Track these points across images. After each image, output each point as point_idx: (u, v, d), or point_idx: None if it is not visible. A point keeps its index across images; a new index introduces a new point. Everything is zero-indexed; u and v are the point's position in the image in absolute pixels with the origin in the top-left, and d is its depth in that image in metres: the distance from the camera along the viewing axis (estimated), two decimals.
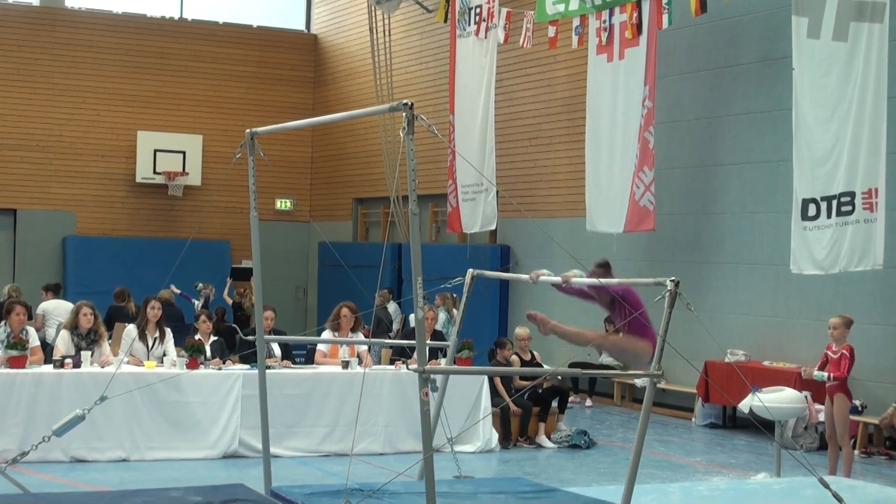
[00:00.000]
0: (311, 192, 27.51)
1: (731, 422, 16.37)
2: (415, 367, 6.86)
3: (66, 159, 25.13)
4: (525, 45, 18.91)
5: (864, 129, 13.50)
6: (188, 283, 20.71)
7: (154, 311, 13.02)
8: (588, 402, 18.23)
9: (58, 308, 16.82)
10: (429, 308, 15.27)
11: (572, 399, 18.09)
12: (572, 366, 16.26)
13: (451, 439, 9.85)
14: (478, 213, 19.90)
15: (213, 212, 25.38)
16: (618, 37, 16.96)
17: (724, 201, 17.03)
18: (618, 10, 16.92)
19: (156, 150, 25.29)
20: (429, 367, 6.93)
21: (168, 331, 13.21)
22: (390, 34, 22.64)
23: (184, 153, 25.41)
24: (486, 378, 13.59)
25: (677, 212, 17.54)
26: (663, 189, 16.98)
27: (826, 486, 7.94)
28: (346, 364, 13.24)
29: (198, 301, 20.30)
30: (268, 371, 10.50)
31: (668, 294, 7.70)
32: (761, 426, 11.12)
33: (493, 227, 20.19)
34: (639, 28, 16.56)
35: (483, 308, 19.94)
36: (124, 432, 12.06)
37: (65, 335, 12.55)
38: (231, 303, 20.84)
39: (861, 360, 14.16)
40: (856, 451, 14.16)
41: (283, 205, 26.83)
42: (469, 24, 19.94)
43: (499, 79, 19.89)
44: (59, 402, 11.50)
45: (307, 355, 14.75)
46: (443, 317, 17.77)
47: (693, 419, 16.61)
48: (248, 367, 12.78)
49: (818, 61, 14.04)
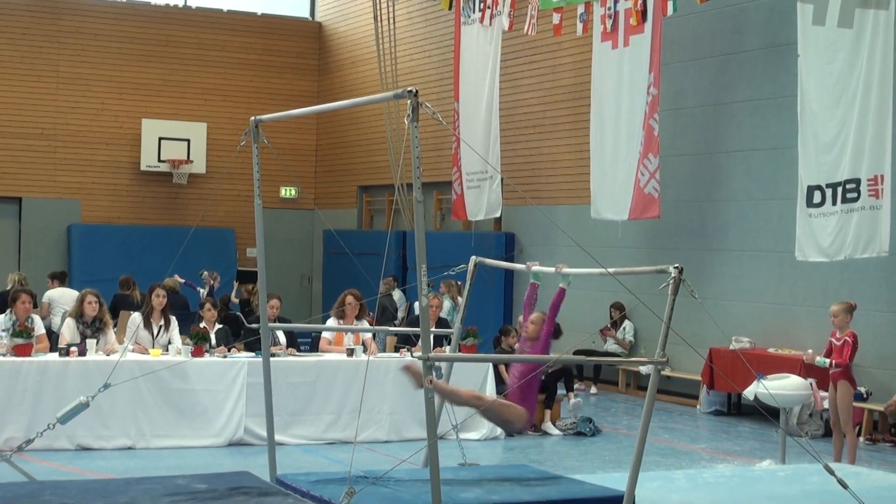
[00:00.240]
0: (316, 180, 27.51)
1: (736, 409, 16.38)
2: (419, 354, 6.86)
3: (71, 147, 25.14)
4: (529, 33, 18.88)
5: (869, 116, 13.48)
6: (193, 271, 20.70)
7: (159, 299, 13.03)
8: (593, 390, 18.23)
9: (63, 296, 16.84)
10: (433, 296, 15.29)
11: (577, 386, 18.12)
12: (577, 353, 16.28)
13: (455, 427, 9.85)
14: (482, 201, 19.90)
15: (218, 200, 25.39)
16: (622, 24, 16.94)
17: (729, 188, 17.01)
18: None
19: (160, 138, 25.28)
20: (433, 354, 6.93)
21: (173, 319, 13.22)
22: (395, 22, 22.65)
23: (188, 141, 25.40)
24: (490, 365, 13.60)
25: (682, 199, 17.52)
26: (668, 176, 16.96)
27: (831, 472, 7.93)
28: (350, 352, 13.25)
29: (203, 289, 20.30)
30: (273, 359, 10.51)
31: (672, 281, 7.69)
32: (766, 413, 11.14)
33: (498, 215, 20.19)
34: (643, 15, 16.53)
35: (487, 295, 19.95)
36: (130, 420, 12.07)
37: (70, 323, 12.57)
38: (238, 301, 20.71)
39: (866, 346, 14.17)
40: (861, 439, 14.17)
41: (287, 193, 26.83)
42: (473, 12, 19.93)
43: (503, 66, 19.87)
44: (64, 391, 11.50)
45: (312, 343, 14.77)
46: (448, 304, 17.78)
47: (698, 406, 16.61)
48: (254, 354, 12.80)
49: (823, 48, 14.01)
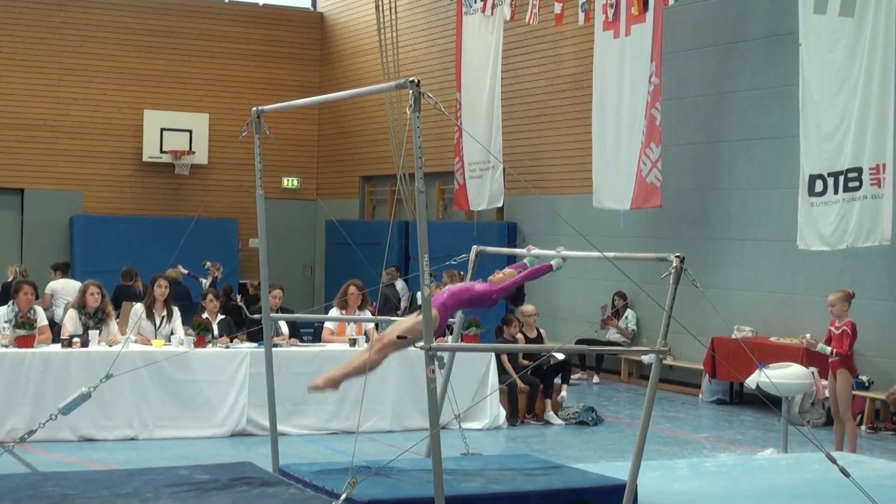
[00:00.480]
0: (318, 171, 27.50)
1: (738, 398, 16.39)
2: (422, 344, 6.87)
3: (74, 138, 25.13)
4: (531, 22, 18.87)
5: (871, 105, 13.47)
6: (195, 261, 20.69)
7: (161, 290, 13.04)
8: (595, 379, 18.24)
9: (66, 287, 16.85)
10: (436, 286, 15.23)
11: (579, 376, 18.14)
12: (579, 343, 16.28)
13: (458, 416, 9.85)
14: (485, 191, 19.89)
15: (220, 190, 25.39)
16: (624, 13, 16.91)
17: (731, 177, 17.01)
18: None
19: (162, 129, 25.26)
20: (436, 344, 6.93)
21: (176, 309, 13.24)
22: (396, 11, 22.63)
23: (190, 132, 25.39)
24: (493, 355, 13.61)
25: (684, 188, 17.52)
26: (670, 166, 16.95)
27: (833, 461, 7.93)
28: (353, 342, 13.26)
29: (205, 280, 20.30)
30: (275, 349, 10.52)
31: (673, 270, 7.68)
32: (768, 402, 11.14)
33: (500, 205, 20.19)
34: (645, 4, 16.51)
35: None
36: (132, 411, 12.10)
37: (72, 314, 12.58)
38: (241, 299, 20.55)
39: (868, 335, 14.18)
40: (862, 427, 14.20)
41: (289, 183, 26.83)
42: (475, 1, 19.91)
43: (505, 56, 19.86)
44: (67, 382, 11.52)
45: (314, 333, 14.77)
46: None
47: (700, 395, 16.62)
48: (256, 345, 12.81)
49: (825, 37, 14.00)
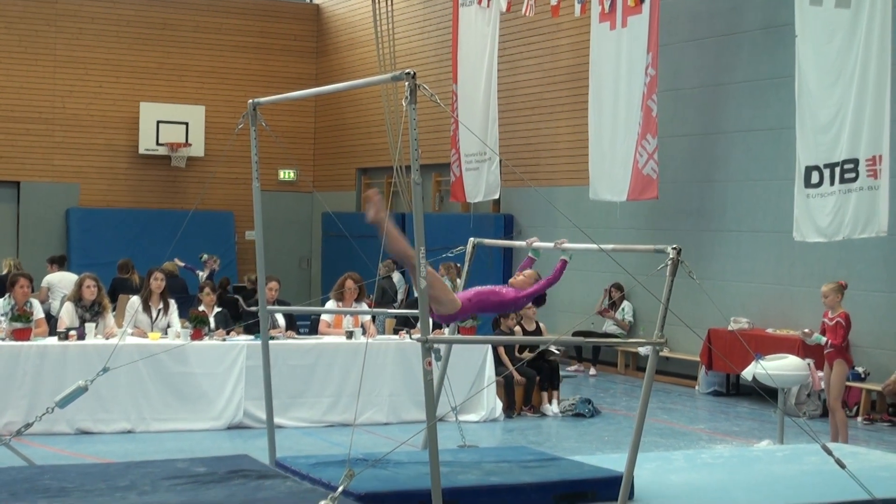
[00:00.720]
0: (315, 163, 27.49)
1: (735, 389, 16.40)
2: (418, 336, 6.87)
3: (69, 131, 25.11)
4: (528, 14, 18.86)
5: (867, 96, 13.46)
6: (192, 254, 20.69)
7: (157, 283, 13.03)
8: (592, 371, 18.25)
9: (63, 280, 16.85)
10: None
11: (576, 368, 18.16)
12: (576, 335, 16.28)
13: (455, 408, 9.87)
14: (481, 183, 19.88)
15: (217, 183, 25.36)
16: (620, 4, 16.89)
17: (728, 169, 17.01)
18: None
19: (158, 122, 25.25)
20: (432, 336, 6.93)
21: (172, 302, 13.23)
22: (392, 3, 22.60)
23: (186, 124, 25.37)
24: (489, 347, 13.62)
25: (680, 180, 17.51)
26: (666, 157, 16.95)
27: (829, 452, 7.95)
28: (350, 334, 13.26)
29: (202, 272, 20.29)
30: (272, 342, 10.52)
31: (669, 262, 7.68)
32: (764, 394, 11.13)
33: (497, 197, 20.19)
34: None
35: (486, 277, 19.84)
36: (129, 404, 12.10)
37: (69, 307, 12.57)
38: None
39: (864, 327, 14.19)
40: (858, 419, 14.23)
41: (286, 175, 26.81)
42: None
43: (501, 48, 19.84)
44: (63, 375, 11.52)
45: (311, 326, 14.79)
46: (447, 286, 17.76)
47: (696, 387, 16.64)
48: (253, 337, 12.80)
49: (821, 28, 13.98)
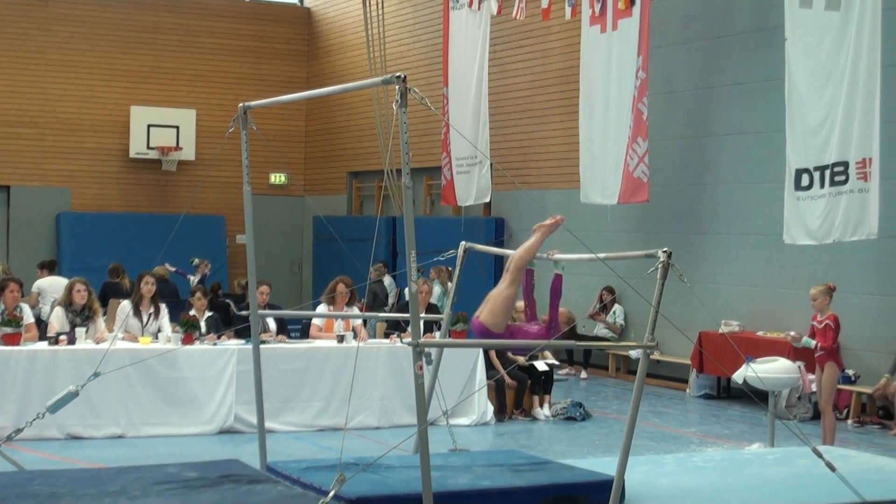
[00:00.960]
0: (306, 166, 27.48)
1: (726, 392, 16.41)
2: (409, 340, 6.87)
3: (60, 135, 25.08)
4: (518, 17, 18.86)
5: (857, 99, 13.48)
6: (183, 258, 20.68)
7: (148, 287, 13.01)
8: (583, 375, 18.26)
9: (53, 285, 16.81)
10: (423, 281, 15.28)
11: (567, 371, 18.16)
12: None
13: (446, 412, 9.85)
14: (472, 186, 19.90)
15: (208, 187, 25.36)
16: (611, 7, 16.91)
17: (718, 172, 17.03)
18: None
19: (149, 125, 25.24)
20: (423, 340, 6.93)
21: (163, 306, 13.20)
22: (383, 7, 22.62)
23: (177, 128, 25.36)
24: (480, 351, 13.60)
25: (671, 183, 17.54)
26: (657, 160, 16.97)
27: (819, 455, 7.96)
28: (341, 338, 13.25)
29: (194, 276, 20.27)
30: (263, 346, 10.51)
31: (660, 265, 7.68)
32: (755, 397, 11.13)
33: (488, 200, 20.21)
34: None
35: (477, 281, 19.89)
36: (120, 409, 12.07)
37: (59, 312, 12.55)
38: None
39: (855, 329, 14.21)
40: (849, 421, 14.24)
41: (277, 179, 26.81)
42: None
43: (492, 51, 19.86)
44: (54, 379, 11.50)
45: (302, 330, 14.77)
46: (438, 290, 17.79)
47: (687, 390, 16.65)
48: (244, 342, 12.78)
49: (811, 31, 14.01)
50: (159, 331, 12.89)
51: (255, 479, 7.60)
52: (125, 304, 13.13)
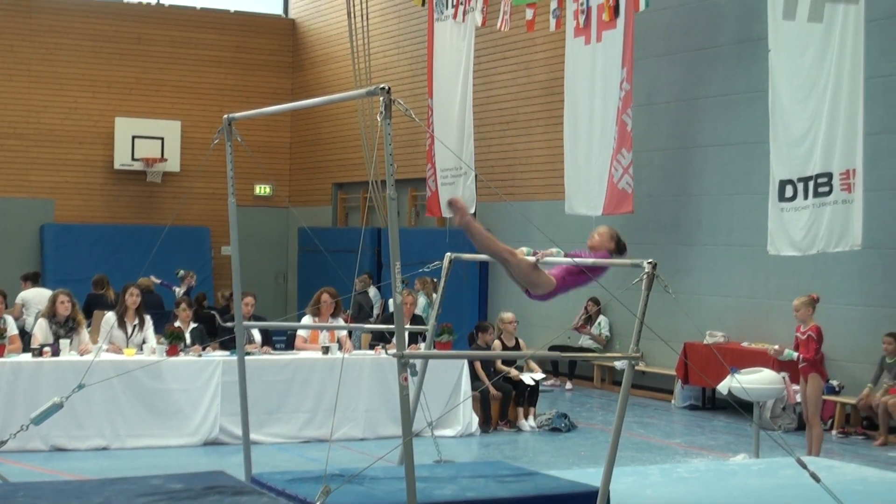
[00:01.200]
0: (291, 178, 27.48)
1: (711, 403, 16.44)
2: (394, 351, 6.86)
3: (44, 146, 25.03)
4: (503, 29, 18.88)
5: (840, 110, 13.51)
6: (168, 269, 20.62)
7: (133, 299, 12.98)
8: (568, 386, 18.27)
9: (38, 296, 16.76)
10: (408, 293, 15.29)
11: (552, 383, 18.17)
12: (552, 349, 16.30)
13: (431, 424, 9.85)
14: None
15: (193, 198, 25.33)
16: (595, 19, 16.94)
17: (703, 183, 17.07)
18: None
19: (134, 137, 25.22)
20: (408, 351, 6.93)
21: (148, 318, 13.18)
22: (368, 18, 22.64)
23: (162, 139, 25.35)
24: (465, 362, 13.61)
25: (656, 194, 17.57)
26: (642, 171, 16.99)
27: (804, 466, 7.97)
28: (326, 350, 13.24)
29: (179, 288, 20.22)
30: (248, 357, 10.49)
31: (645, 276, 7.69)
32: (740, 407, 11.16)
33: (472, 211, 20.17)
34: (616, 10, 16.53)
35: (463, 292, 19.97)
36: (104, 420, 12.04)
37: (42, 323, 12.51)
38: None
39: (839, 340, 14.25)
40: (833, 432, 14.27)
41: (262, 190, 26.79)
42: (447, 8, 19.91)
43: (477, 62, 19.87)
44: (38, 391, 11.47)
45: (287, 341, 14.77)
46: (423, 301, 17.79)
47: (672, 401, 16.67)
48: (229, 353, 12.78)
49: (794, 42, 14.06)
50: (144, 342, 12.87)
51: (240, 490, 7.59)
52: (110, 316, 13.10)
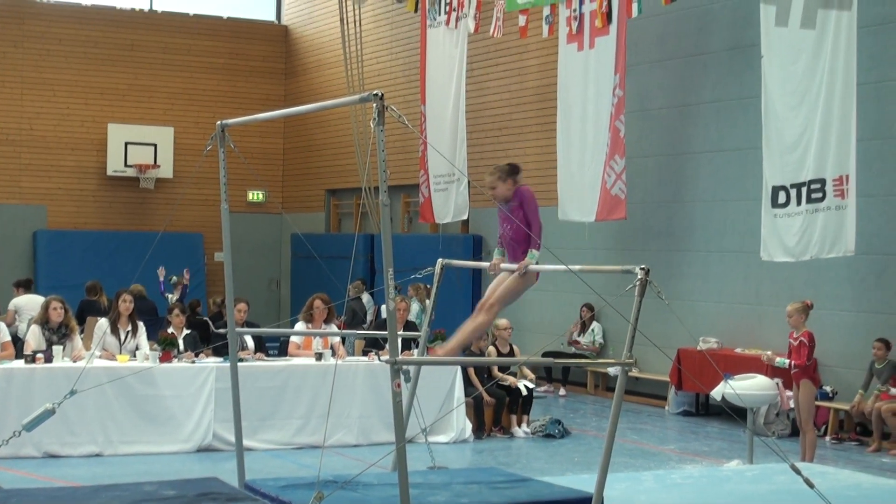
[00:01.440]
0: (284, 184, 27.46)
1: (704, 409, 16.44)
2: (387, 358, 6.86)
3: (37, 153, 25.00)
4: (495, 35, 18.89)
5: (833, 117, 13.54)
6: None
7: (126, 305, 12.97)
8: (562, 392, 18.27)
9: (30, 303, 16.75)
10: (401, 299, 15.27)
11: (546, 389, 18.17)
12: (545, 355, 16.30)
13: (424, 430, 9.85)
14: (450, 204, 19.89)
15: (186, 204, 25.31)
16: (588, 26, 16.96)
17: (696, 189, 17.08)
18: None
19: (127, 143, 25.18)
20: (401, 358, 6.92)
21: (141, 324, 13.17)
22: (361, 24, 22.62)
23: (155, 146, 25.31)
24: (459, 368, 13.60)
25: (649, 200, 17.58)
26: (635, 178, 17.01)
27: (798, 472, 7.97)
28: (319, 356, 13.23)
29: (172, 294, 20.18)
30: (241, 364, 10.49)
31: (638, 282, 7.69)
32: (733, 413, 11.16)
33: (466, 218, 20.20)
34: (609, 17, 16.55)
35: (456, 298, 19.94)
36: (97, 427, 12.03)
37: (35, 330, 12.50)
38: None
39: (832, 346, 14.26)
40: (827, 438, 14.27)
41: (255, 197, 26.77)
42: (439, 14, 19.92)
43: (470, 68, 19.89)
44: (30, 398, 11.45)
45: (281, 347, 14.74)
46: (416, 307, 17.78)
47: (666, 407, 16.67)
48: (222, 360, 12.76)
49: (787, 49, 14.08)
50: (137, 349, 12.85)
51: (234, 497, 7.57)
52: (102, 322, 13.10)
